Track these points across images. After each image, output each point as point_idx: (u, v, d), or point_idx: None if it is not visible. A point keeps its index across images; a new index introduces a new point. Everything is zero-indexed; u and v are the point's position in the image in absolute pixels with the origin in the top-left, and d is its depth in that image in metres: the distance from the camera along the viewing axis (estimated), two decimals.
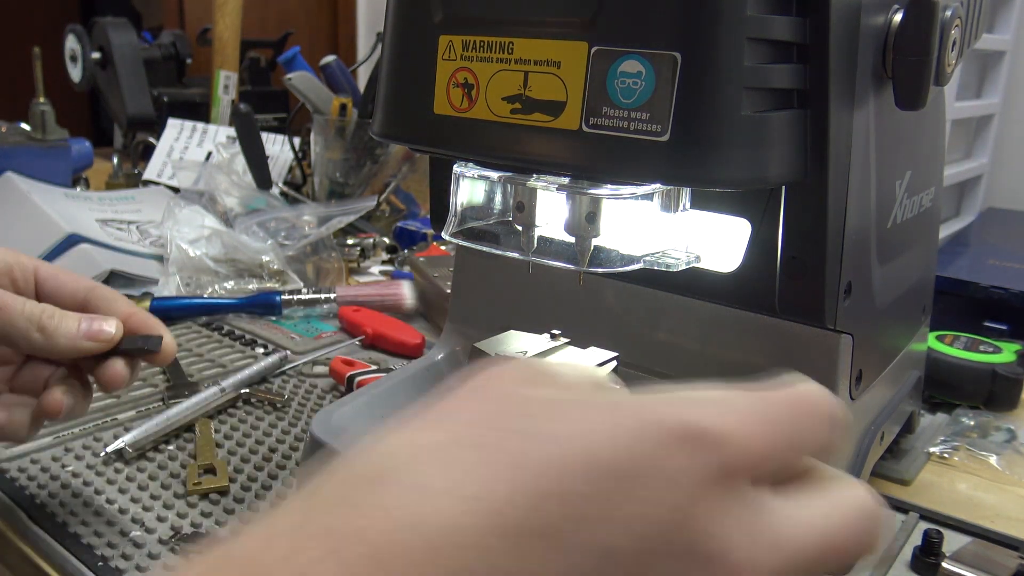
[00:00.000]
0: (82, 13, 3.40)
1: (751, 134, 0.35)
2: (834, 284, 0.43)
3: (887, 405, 0.54)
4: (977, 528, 0.53)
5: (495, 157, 0.40)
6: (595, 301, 0.53)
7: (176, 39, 1.56)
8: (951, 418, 0.69)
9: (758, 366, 0.48)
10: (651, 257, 0.40)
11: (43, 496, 0.52)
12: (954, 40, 0.42)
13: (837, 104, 0.38)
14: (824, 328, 0.44)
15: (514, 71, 0.37)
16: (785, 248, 0.43)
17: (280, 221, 0.98)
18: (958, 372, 0.70)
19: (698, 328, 0.49)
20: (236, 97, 1.46)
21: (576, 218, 0.39)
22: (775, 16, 0.35)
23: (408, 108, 0.42)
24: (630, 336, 0.51)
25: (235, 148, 1.17)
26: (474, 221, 0.44)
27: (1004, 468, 0.61)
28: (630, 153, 0.35)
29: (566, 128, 0.36)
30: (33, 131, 1.29)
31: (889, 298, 0.51)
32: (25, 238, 0.94)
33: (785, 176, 0.38)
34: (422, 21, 0.40)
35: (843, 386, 0.46)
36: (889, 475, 0.59)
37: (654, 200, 0.40)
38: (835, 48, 0.37)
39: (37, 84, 1.30)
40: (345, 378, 0.68)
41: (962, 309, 0.84)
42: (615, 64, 0.34)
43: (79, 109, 2.96)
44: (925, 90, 0.41)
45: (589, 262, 0.40)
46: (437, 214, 0.54)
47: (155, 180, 1.30)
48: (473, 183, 0.43)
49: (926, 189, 0.54)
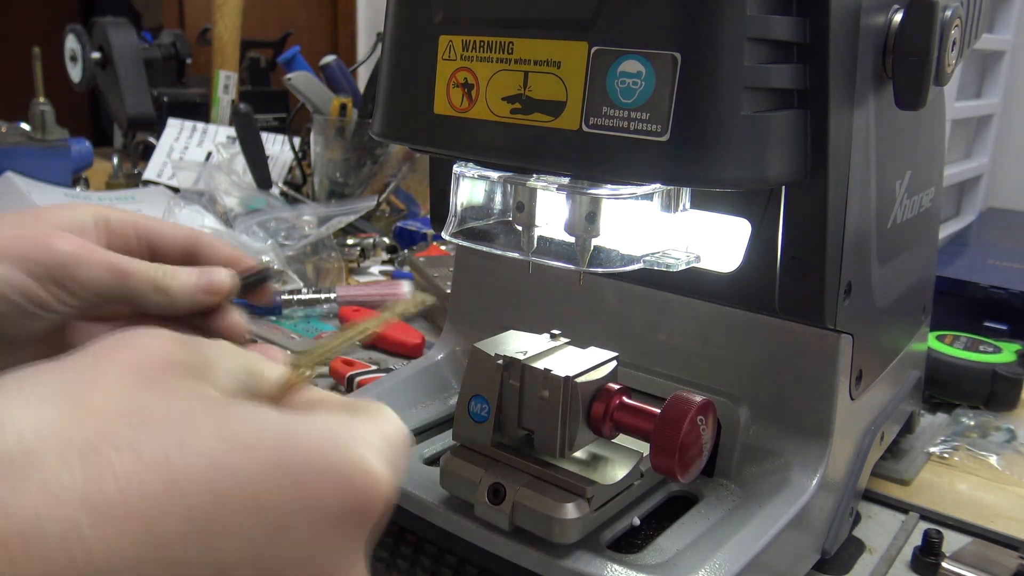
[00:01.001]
0: (82, 13, 3.40)
1: (751, 134, 0.35)
2: (834, 284, 0.43)
3: (887, 405, 0.54)
4: (977, 528, 0.53)
5: (495, 157, 0.40)
6: (595, 301, 0.53)
7: (176, 39, 1.56)
8: (951, 418, 0.69)
9: (758, 366, 0.48)
10: (651, 257, 0.40)
11: None
12: (954, 40, 0.42)
13: (837, 104, 0.38)
14: (824, 328, 0.44)
15: (514, 71, 0.37)
16: (785, 248, 0.43)
17: (280, 221, 0.98)
18: (958, 372, 0.70)
19: (698, 328, 0.49)
20: (236, 97, 1.46)
21: (576, 218, 0.39)
22: (775, 16, 0.35)
23: (408, 108, 0.42)
24: (630, 336, 0.51)
25: (235, 148, 1.17)
26: (474, 221, 0.44)
27: (1004, 468, 0.61)
28: (630, 153, 0.34)
29: (566, 128, 0.36)
30: (33, 131, 1.29)
31: (889, 298, 0.51)
32: None
33: (785, 176, 0.38)
34: (422, 21, 0.40)
35: (843, 386, 0.46)
36: (889, 475, 0.59)
37: (654, 200, 0.40)
38: (835, 48, 0.37)
39: (37, 84, 1.30)
40: (345, 378, 0.68)
41: (962, 309, 0.84)
42: (615, 64, 0.34)
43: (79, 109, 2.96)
44: (925, 90, 0.41)
45: (589, 262, 0.40)
46: (437, 214, 0.54)
47: (155, 180, 1.30)
48: (473, 183, 0.43)
49: (926, 189, 0.54)
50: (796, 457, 0.46)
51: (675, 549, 0.42)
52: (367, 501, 0.22)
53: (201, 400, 0.22)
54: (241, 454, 0.20)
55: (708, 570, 0.39)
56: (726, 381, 0.48)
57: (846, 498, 0.49)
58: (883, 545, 0.52)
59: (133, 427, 0.20)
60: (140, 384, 0.21)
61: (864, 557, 0.51)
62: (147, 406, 0.20)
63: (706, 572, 0.39)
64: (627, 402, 0.41)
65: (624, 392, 0.42)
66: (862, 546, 0.52)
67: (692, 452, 0.39)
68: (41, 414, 0.19)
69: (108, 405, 0.20)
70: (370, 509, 0.22)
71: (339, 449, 0.22)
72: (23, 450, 0.18)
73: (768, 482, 0.46)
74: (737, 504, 0.45)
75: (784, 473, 0.46)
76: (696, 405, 0.39)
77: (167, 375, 0.22)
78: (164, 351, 0.23)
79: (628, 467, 0.43)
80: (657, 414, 0.40)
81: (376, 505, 0.22)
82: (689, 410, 0.39)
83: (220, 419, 0.21)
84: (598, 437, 0.42)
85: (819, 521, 0.47)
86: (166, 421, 0.20)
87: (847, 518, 0.49)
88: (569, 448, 0.41)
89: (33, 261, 0.34)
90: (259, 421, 0.21)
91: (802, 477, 0.45)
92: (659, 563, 0.41)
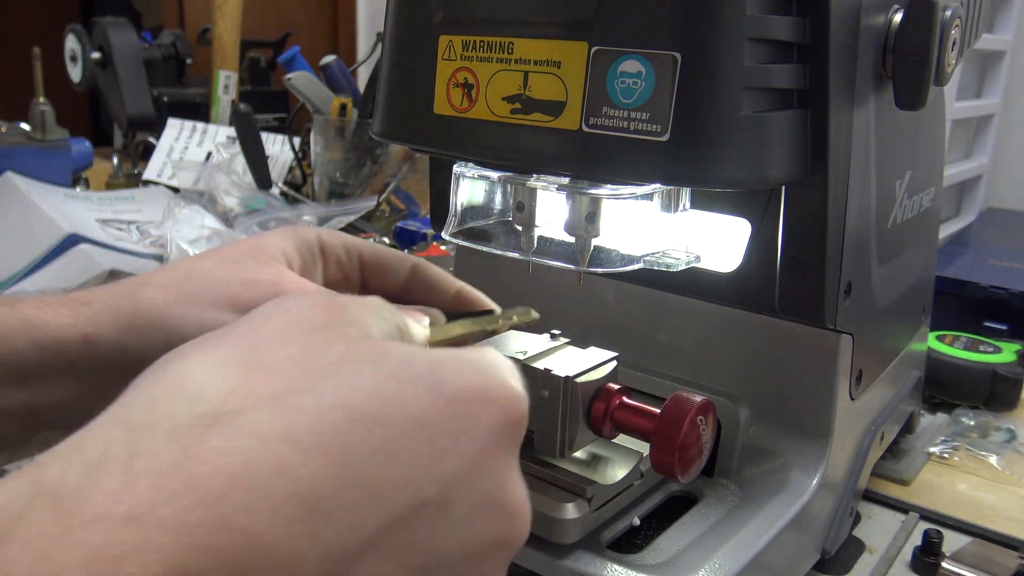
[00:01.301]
0: (82, 13, 3.40)
1: (751, 134, 0.35)
2: (834, 284, 0.43)
3: (887, 405, 0.54)
4: (977, 528, 0.54)
5: (495, 157, 0.40)
6: (595, 301, 0.53)
7: (176, 39, 1.56)
8: (951, 418, 0.69)
9: (758, 366, 0.48)
10: (651, 257, 0.40)
11: None
12: (954, 40, 0.42)
13: (837, 104, 0.38)
14: (824, 328, 0.44)
15: (514, 71, 0.37)
16: (785, 248, 0.43)
17: (280, 221, 0.98)
18: (958, 372, 0.70)
19: (698, 328, 0.49)
20: (236, 97, 1.46)
21: (576, 218, 0.39)
22: (775, 16, 0.35)
23: (408, 108, 0.42)
24: (630, 336, 0.51)
25: (235, 148, 1.17)
26: (474, 221, 0.44)
27: (1004, 468, 0.61)
28: (630, 153, 0.34)
29: (566, 128, 0.36)
30: (33, 131, 1.29)
31: (889, 298, 0.51)
32: (25, 238, 0.94)
33: (785, 176, 0.38)
34: (422, 21, 0.40)
35: (843, 386, 0.46)
36: (889, 475, 0.59)
37: (654, 200, 0.40)
38: (835, 48, 0.37)
39: (37, 84, 1.30)
40: None
41: (962, 309, 0.84)
42: (615, 64, 0.34)
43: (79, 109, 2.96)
44: (925, 90, 0.41)
45: (589, 262, 0.40)
46: (437, 214, 0.54)
47: (155, 180, 1.30)
48: (473, 183, 0.43)
49: (926, 189, 0.54)
50: (796, 457, 0.46)
51: (675, 549, 0.42)
52: (514, 415, 0.25)
53: (360, 344, 0.25)
54: (404, 387, 0.23)
55: (708, 570, 0.39)
56: (726, 381, 0.48)
57: (846, 498, 0.49)
58: (883, 545, 0.52)
59: (308, 376, 0.23)
60: (303, 339, 0.24)
61: (864, 557, 0.51)
62: (314, 357, 0.23)
63: (706, 572, 0.39)
64: (627, 402, 0.41)
65: (624, 392, 0.42)
66: (862, 546, 0.52)
67: (692, 452, 0.39)
68: (231, 377, 0.22)
69: (281, 360, 0.23)
70: (517, 422, 0.26)
71: (482, 374, 0.25)
72: (226, 408, 0.21)
73: (768, 482, 0.46)
74: (737, 504, 0.45)
75: (784, 473, 0.46)
76: (696, 405, 0.39)
77: (325, 329, 0.25)
78: (318, 310, 0.26)
79: (628, 467, 0.43)
80: (657, 414, 0.40)
81: (522, 418, 0.26)
82: (689, 410, 0.39)
83: (380, 360, 0.24)
84: (598, 437, 0.42)
85: (819, 521, 0.47)
86: (335, 366, 0.23)
87: (847, 518, 0.50)
88: (569, 448, 0.41)
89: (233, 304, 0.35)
90: (413, 357, 0.25)
91: (802, 477, 0.45)
92: (659, 563, 0.41)
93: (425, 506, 0.23)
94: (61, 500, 0.18)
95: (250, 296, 0.35)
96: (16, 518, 0.18)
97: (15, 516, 0.18)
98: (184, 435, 0.20)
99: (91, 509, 0.18)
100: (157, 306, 0.34)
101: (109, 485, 0.19)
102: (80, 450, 0.20)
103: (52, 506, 0.18)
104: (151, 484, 0.19)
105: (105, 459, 0.19)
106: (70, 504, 0.18)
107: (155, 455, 0.19)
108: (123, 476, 0.19)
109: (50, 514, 0.18)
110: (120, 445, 0.20)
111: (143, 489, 0.19)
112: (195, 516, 0.18)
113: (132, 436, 0.20)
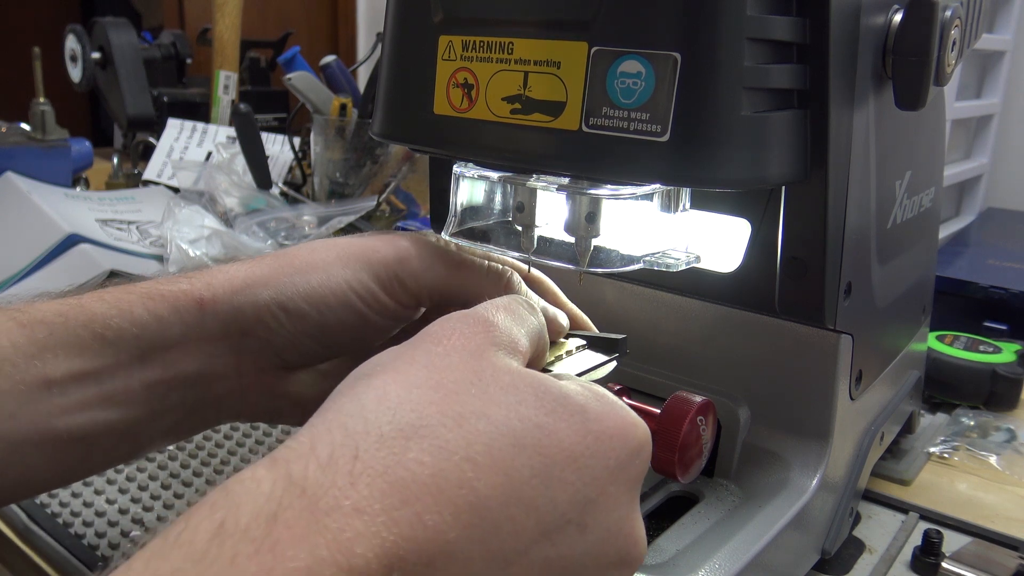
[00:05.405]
0: (82, 13, 3.40)
1: (751, 134, 0.35)
2: (834, 284, 0.43)
3: (887, 405, 0.54)
4: (977, 528, 0.54)
5: (495, 157, 0.40)
6: (595, 301, 0.53)
7: (176, 39, 1.56)
8: (951, 418, 0.69)
9: (758, 366, 0.48)
10: (651, 257, 0.40)
11: (43, 496, 0.52)
12: (954, 40, 0.42)
13: (837, 104, 0.38)
14: (824, 328, 0.44)
15: (514, 71, 0.37)
16: (785, 248, 0.43)
17: (280, 221, 0.98)
18: (958, 372, 0.70)
19: (698, 328, 0.49)
20: (236, 97, 1.46)
21: (576, 218, 0.39)
22: (775, 16, 0.35)
23: (408, 108, 0.42)
24: (630, 336, 0.51)
25: (235, 148, 1.17)
26: (474, 221, 0.44)
27: (1004, 468, 0.61)
28: (630, 153, 0.34)
29: (566, 128, 0.36)
30: (33, 131, 1.29)
31: (889, 298, 0.51)
32: (25, 238, 0.94)
33: (785, 176, 0.38)
34: (422, 21, 0.40)
35: (843, 386, 0.46)
36: (889, 475, 0.59)
37: (654, 200, 0.40)
38: (835, 48, 0.37)
39: (37, 84, 1.30)
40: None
41: (962, 309, 0.84)
42: (615, 64, 0.34)
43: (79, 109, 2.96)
44: (925, 90, 0.41)
45: (589, 262, 0.40)
46: (437, 214, 0.55)
47: (155, 180, 1.30)
48: (473, 183, 0.43)
49: (926, 189, 0.54)
50: (796, 457, 0.46)
51: (675, 549, 0.42)
52: (644, 454, 0.30)
53: (518, 375, 0.28)
54: (559, 423, 0.27)
55: (708, 570, 0.39)
56: (726, 381, 0.48)
57: (846, 498, 0.49)
58: (883, 545, 0.52)
59: (483, 402, 0.26)
60: (472, 362, 0.28)
61: (864, 557, 0.51)
62: (483, 381, 0.27)
63: (706, 572, 0.39)
64: (627, 402, 0.41)
65: (624, 392, 0.42)
66: (862, 546, 0.52)
67: (692, 452, 0.40)
68: (423, 395, 0.26)
69: (458, 383, 0.27)
70: (645, 451, 0.30)
71: (619, 415, 0.29)
72: (420, 423, 0.25)
73: (768, 482, 0.46)
74: (737, 504, 0.45)
75: (784, 473, 0.46)
76: (696, 405, 0.39)
77: (488, 352, 0.29)
78: (480, 332, 0.30)
79: None
80: (657, 414, 0.40)
81: (648, 447, 0.30)
82: (689, 410, 0.39)
83: (542, 395, 0.28)
84: None
85: (819, 521, 0.47)
86: (505, 392, 0.27)
87: (847, 518, 0.50)
88: None
89: (382, 264, 0.39)
90: (567, 398, 0.28)
91: (802, 477, 0.45)
92: (659, 563, 0.41)
93: (568, 526, 0.26)
94: (305, 491, 0.22)
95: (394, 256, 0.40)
96: (276, 502, 0.22)
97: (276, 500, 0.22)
98: (390, 444, 0.24)
99: (327, 501, 0.22)
100: (271, 268, 0.38)
101: (339, 482, 0.23)
102: (314, 449, 0.24)
103: (300, 495, 0.22)
104: (368, 483, 0.23)
105: (333, 459, 0.23)
106: (312, 495, 0.22)
107: (370, 459, 0.23)
108: (348, 476, 0.23)
109: (299, 501, 0.22)
110: (343, 448, 0.24)
111: (363, 487, 0.23)
112: (400, 513, 0.22)
113: (351, 442, 0.24)
